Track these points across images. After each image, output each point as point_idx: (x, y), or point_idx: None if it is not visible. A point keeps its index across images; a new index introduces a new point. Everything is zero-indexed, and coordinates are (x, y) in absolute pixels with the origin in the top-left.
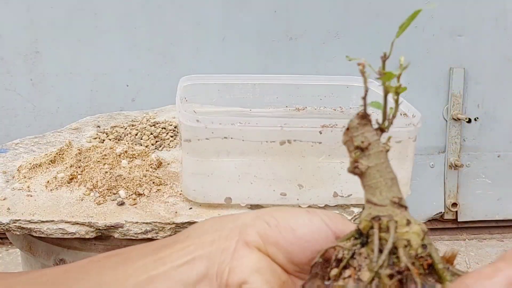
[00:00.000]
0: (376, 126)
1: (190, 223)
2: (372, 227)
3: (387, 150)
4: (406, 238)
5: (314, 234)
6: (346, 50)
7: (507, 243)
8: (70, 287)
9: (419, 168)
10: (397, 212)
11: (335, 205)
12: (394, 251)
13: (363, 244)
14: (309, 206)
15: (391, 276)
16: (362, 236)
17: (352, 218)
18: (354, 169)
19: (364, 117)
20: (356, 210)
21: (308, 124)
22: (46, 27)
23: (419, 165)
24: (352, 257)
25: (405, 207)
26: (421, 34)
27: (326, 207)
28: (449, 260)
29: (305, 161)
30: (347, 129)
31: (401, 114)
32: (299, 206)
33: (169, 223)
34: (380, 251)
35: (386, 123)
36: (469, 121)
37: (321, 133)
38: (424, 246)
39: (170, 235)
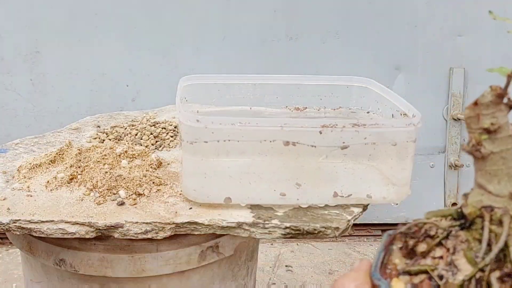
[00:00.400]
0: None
1: (190, 223)
2: (480, 216)
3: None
4: None
5: None
6: (346, 50)
7: None
8: None
9: (419, 168)
10: None
11: (335, 205)
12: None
13: (462, 228)
14: (309, 206)
15: (501, 279)
16: (463, 219)
17: (352, 218)
18: (475, 152)
19: (501, 95)
20: (356, 210)
21: (308, 124)
22: (46, 27)
23: (419, 165)
24: (446, 237)
25: None
26: (421, 34)
27: (326, 207)
28: None
29: (305, 161)
30: (475, 103)
31: (401, 114)
32: (299, 206)
33: (169, 223)
34: (488, 245)
35: None
36: None
37: (321, 133)
38: None
39: (170, 235)
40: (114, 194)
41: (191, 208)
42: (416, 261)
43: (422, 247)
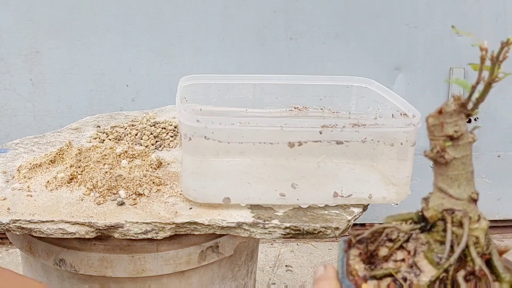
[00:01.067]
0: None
1: (190, 223)
2: (441, 219)
3: (474, 141)
4: (475, 235)
5: None
6: (346, 50)
7: (507, 243)
8: None
9: (419, 168)
10: (472, 207)
11: (335, 205)
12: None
13: (422, 231)
14: (309, 206)
15: (466, 278)
16: (424, 223)
17: (352, 218)
18: (439, 158)
19: (463, 105)
20: (356, 210)
21: (308, 124)
22: (46, 27)
23: (419, 165)
24: (407, 240)
25: (476, 202)
26: (421, 34)
27: (326, 207)
28: (501, 253)
29: (305, 161)
30: (439, 112)
31: (401, 114)
32: (299, 206)
33: (169, 223)
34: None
35: (473, 108)
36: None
37: (321, 133)
38: (487, 243)
39: (170, 235)
40: (114, 194)
41: (191, 208)
42: (378, 265)
43: (383, 251)
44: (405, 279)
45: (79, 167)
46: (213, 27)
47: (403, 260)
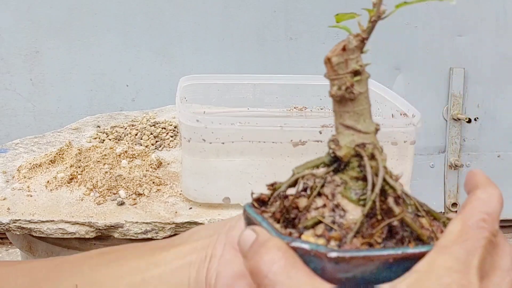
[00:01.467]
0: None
1: (190, 223)
2: (355, 155)
3: (369, 77)
4: (384, 165)
5: None
6: None
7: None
8: (61, 282)
9: (419, 168)
10: (377, 139)
11: None
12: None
13: (335, 172)
14: None
15: (396, 203)
16: (335, 164)
17: None
18: (349, 94)
19: (363, 40)
20: None
21: (308, 124)
22: (46, 27)
23: (419, 165)
24: (323, 186)
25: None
26: (421, 34)
27: None
28: (396, 179)
29: (305, 161)
30: (343, 49)
31: (401, 114)
32: None
33: (169, 223)
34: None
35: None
36: (469, 121)
37: (321, 133)
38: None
39: (170, 235)
40: (114, 194)
41: (191, 208)
42: (302, 217)
43: (303, 202)
44: (333, 222)
45: (79, 167)
46: (213, 27)
47: (324, 206)
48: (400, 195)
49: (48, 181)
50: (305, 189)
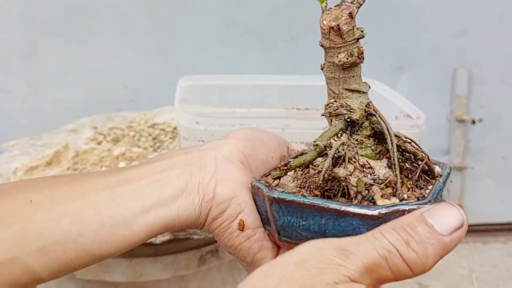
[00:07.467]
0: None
1: None
2: (367, 115)
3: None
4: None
5: (280, 144)
6: None
7: None
8: (16, 196)
9: None
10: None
11: None
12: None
13: (351, 134)
14: None
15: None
16: (352, 127)
17: None
18: (360, 60)
19: (359, 6)
20: None
21: (309, 125)
22: (43, 26)
23: None
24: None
25: None
26: (424, 34)
27: None
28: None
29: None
30: (351, 16)
31: (404, 116)
32: None
33: None
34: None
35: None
36: (474, 122)
37: None
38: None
39: (169, 239)
40: None
41: None
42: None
43: (342, 172)
44: (372, 181)
45: (76, 169)
46: (213, 27)
47: (355, 169)
48: (407, 142)
49: None
50: (338, 157)
